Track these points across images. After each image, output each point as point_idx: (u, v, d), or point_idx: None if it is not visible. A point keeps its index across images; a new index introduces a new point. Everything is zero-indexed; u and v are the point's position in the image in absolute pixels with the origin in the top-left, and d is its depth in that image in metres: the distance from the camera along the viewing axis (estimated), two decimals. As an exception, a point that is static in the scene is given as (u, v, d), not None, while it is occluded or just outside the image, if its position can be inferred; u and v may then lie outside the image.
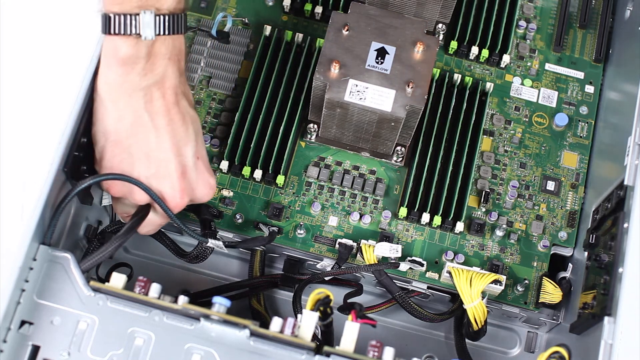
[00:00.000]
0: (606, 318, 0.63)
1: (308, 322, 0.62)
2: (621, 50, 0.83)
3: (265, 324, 0.62)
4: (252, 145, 0.78)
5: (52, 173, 0.64)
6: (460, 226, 0.78)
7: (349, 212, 0.79)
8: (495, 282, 0.75)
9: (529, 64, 0.86)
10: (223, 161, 0.79)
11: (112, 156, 0.66)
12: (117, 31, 0.60)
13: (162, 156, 0.66)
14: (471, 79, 0.83)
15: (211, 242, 0.74)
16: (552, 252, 0.80)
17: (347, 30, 0.74)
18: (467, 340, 0.80)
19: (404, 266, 0.76)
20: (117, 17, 0.60)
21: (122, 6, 0.60)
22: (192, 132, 0.67)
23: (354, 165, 0.81)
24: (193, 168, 0.68)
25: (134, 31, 0.61)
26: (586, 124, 0.84)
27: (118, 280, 0.63)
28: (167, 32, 0.62)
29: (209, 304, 0.62)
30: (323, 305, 0.63)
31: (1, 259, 0.61)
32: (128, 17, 0.60)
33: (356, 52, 0.73)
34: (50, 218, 0.64)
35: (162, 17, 0.62)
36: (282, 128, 0.79)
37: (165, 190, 0.67)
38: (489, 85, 0.83)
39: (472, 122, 0.81)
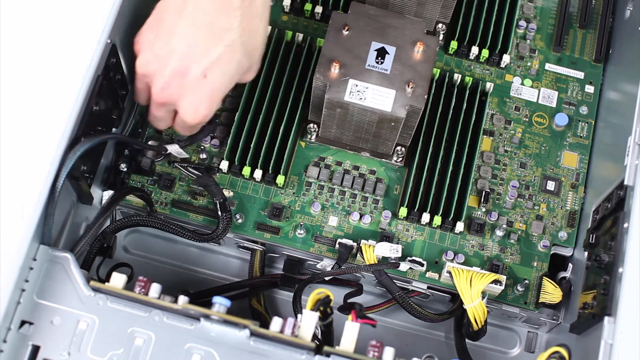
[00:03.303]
0: (606, 318, 0.63)
1: (308, 322, 0.62)
2: (621, 50, 0.83)
3: (265, 324, 0.62)
4: (252, 146, 0.78)
5: (52, 173, 0.63)
6: (460, 226, 0.78)
7: (349, 212, 0.79)
8: (495, 282, 0.75)
9: (529, 64, 0.86)
10: (223, 161, 0.79)
11: (152, 17, 0.68)
12: None
13: (174, 47, 0.65)
14: (471, 79, 0.83)
15: (169, 148, 0.76)
16: (552, 252, 0.80)
17: (347, 30, 0.74)
18: (467, 340, 0.80)
19: (404, 266, 0.76)
20: None
21: None
22: (216, 52, 0.65)
23: (354, 165, 0.81)
24: (192, 80, 0.65)
25: None
26: (586, 124, 0.84)
27: (118, 280, 0.63)
28: None
29: (209, 304, 0.62)
30: (323, 305, 0.63)
31: (1, 259, 0.61)
32: None
33: (356, 52, 0.73)
34: (45, 206, 0.64)
35: None
36: (282, 128, 0.79)
37: (156, 76, 0.67)
38: (489, 85, 0.83)
39: (472, 122, 0.81)
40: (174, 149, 0.76)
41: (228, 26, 0.64)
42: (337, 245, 0.77)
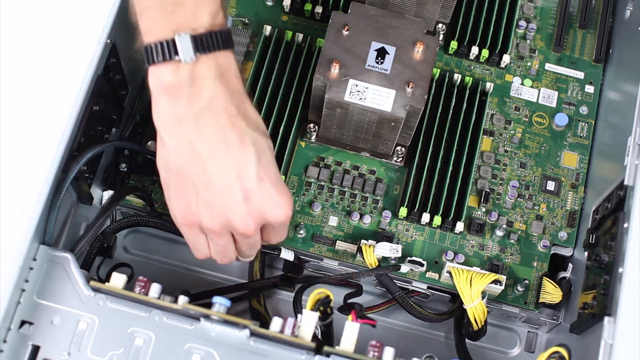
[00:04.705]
0: (606, 318, 0.63)
1: (308, 322, 0.62)
2: (621, 50, 0.83)
3: (265, 324, 0.62)
4: (252, 145, 0.78)
5: (52, 173, 0.64)
6: (460, 226, 0.78)
7: (349, 212, 0.79)
8: (495, 282, 0.75)
9: (529, 64, 0.86)
10: (223, 161, 0.79)
11: (176, 187, 0.65)
12: (156, 59, 0.60)
13: (222, 183, 0.63)
14: (471, 79, 0.83)
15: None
16: (552, 252, 0.80)
17: (347, 30, 0.74)
18: (467, 340, 0.80)
19: (404, 268, 0.76)
20: (154, 46, 0.60)
21: (157, 35, 0.60)
22: (253, 154, 0.63)
23: (354, 165, 0.81)
24: (257, 191, 0.63)
25: (172, 56, 0.59)
26: (586, 124, 0.84)
27: (118, 280, 0.63)
28: (206, 52, 0.60)
29: (209, 305, 0.62)
30: (323, 305, 0.63)
31: (1, 259, 0.61)
32: (164, 43, 0.59)
33: (356, 52, 0.73)
34: (48, 210, 0.64)
35: (199, 37, 0.60)
36: (282, 128, 0.79)
37: (232, 217, 0.64)
38: (489, 85, 0.83)
39: (472, 122, 0.81)
40: None
41: (239, 132, 0.63)
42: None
